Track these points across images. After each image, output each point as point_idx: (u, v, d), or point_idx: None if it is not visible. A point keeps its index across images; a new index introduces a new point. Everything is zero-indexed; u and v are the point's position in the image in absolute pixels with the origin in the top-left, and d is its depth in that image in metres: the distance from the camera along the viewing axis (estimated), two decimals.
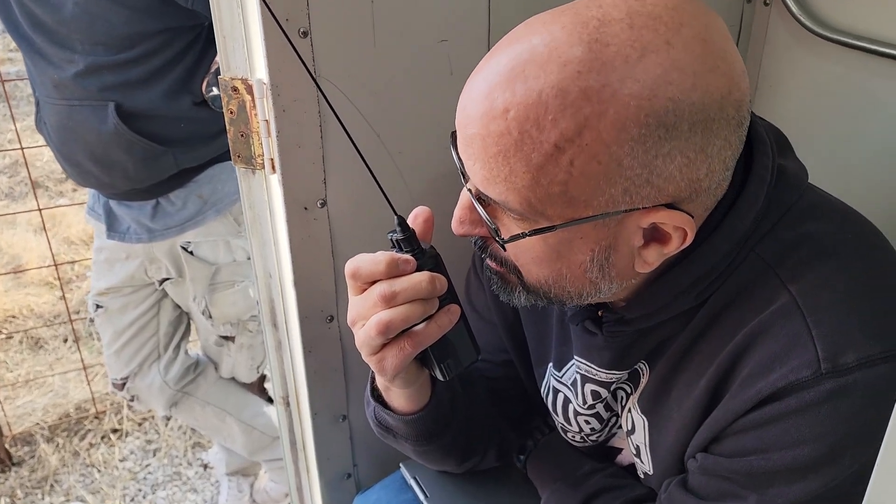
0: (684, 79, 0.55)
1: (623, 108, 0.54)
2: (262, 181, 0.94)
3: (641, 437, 0.79)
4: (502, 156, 0.58)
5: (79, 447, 2.24)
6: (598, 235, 0.62)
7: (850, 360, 0.59)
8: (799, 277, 0.63)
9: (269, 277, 1.01)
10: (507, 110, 0.57)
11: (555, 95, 0.55)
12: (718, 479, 0.68)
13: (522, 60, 0.57)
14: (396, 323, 0.65)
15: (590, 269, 0.64)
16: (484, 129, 0.58)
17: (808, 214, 0.67)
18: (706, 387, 0.68)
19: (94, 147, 1.41)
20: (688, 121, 0.55)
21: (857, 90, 1.06)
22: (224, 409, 1.83)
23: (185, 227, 1.54)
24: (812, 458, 0.61)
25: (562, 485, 0.90)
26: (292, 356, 1.06)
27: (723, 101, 0.57)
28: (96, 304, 1.69)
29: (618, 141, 0.55)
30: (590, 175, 0.57)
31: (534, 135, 0.56)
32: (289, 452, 1.18)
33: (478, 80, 0.60)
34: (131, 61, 1.36)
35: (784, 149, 0.71)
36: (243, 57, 0.86)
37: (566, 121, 0.55)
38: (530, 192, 0.59)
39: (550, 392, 0.88)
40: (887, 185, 1.06)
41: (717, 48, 0.57)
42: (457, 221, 0.68)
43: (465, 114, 0.61)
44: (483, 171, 0.60)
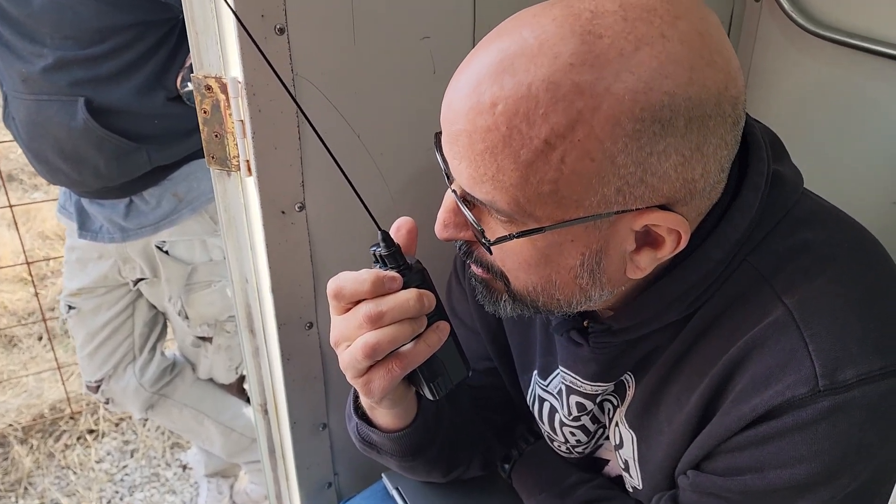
0: (681, 72, 0.52)
1: (617, 103, 0.52)
2: (238, 183, 0.90)
3: (630, 452, 0.76)
4: (489, 153, 0.55)
5: (53, 448, 2.20)
6: (589, 238, 0.59)
7: (848, 377, 0.57)
8: (794, 289, 0.61)
9: (245, 283, 0.98)
10: (494, 104, 0.54)
11: (545, 89, 0.52)
12: (712, 497, 0.66)
13: (511, 53, 0.54)
14: (384, 345, 0.62)
15: (580, 274, 0.61)
16: (470, 125, 0.55)
17: (803, 222, 0.64)
18: (697, 402, 0.65)
19: (63, 144, 1.36)
20: (684, 116, 0.53)
21: (848, 88, 1.05)
22: (202, 411, 1.79)
23: (159, 226, 1.50)
24: (809, 477, 0.59)
25: (547, 496, 0.88)
26: (270, 363, 1.03)
27: (719, 97, 0.54)
28: (69, 305, 1.64)
29: (612, 137, 0.52)
30: (582, 173, 0.54)
31: (523, 130, 0.53)
32: (267, 461, 1.15)
33: (464, 74, 0.57)
34: (102, 56, 1.32)
35: (779, 153, 0.69)
36: (217, 54, 0.82)
37: (557, 115, 0.52)
38: (519, 192, 0.56)
39: (536, 401, 0.86)
40: (879, 184, 1.05)
41: (713, 42, 0.55)
42: (440, 225, 0.65)
43: (450, 109, 0.57)
44: (469, 169, 0.57)
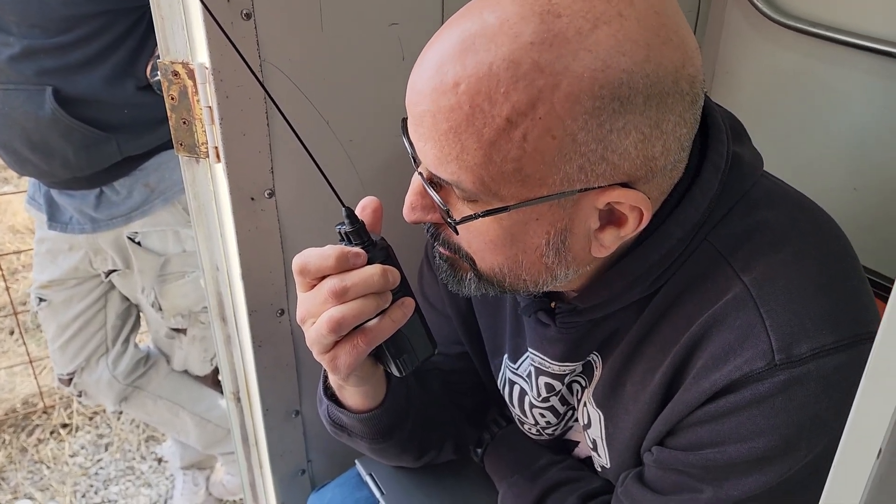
0: (637, 50, 0.53)
1: (577, 80, 0.53)
2: (207, 170, 0.90)
3: (598, 431, 0.78)
4: (453, 132, 0.56)
5: (26, 443, 2.17)
6: (554, 217, 0.60)
7: (803, 351, 0.59)
8: (752, 267, 0.62)
9: (216, 270, 0.98)
10: (457, 84, 0.54)
11: (506, 67, 0.53)
12: (674, 472, 0.67)
13: (472, 33, 0.55)
14: (349, 319, 0.62)
15: (546, 253, 0.62)
16: (434, 105, 0.56)
17: (761, 203, 0.66)
18: (661, 379, 0.67)
19: (31, 134, 1.35)
20: (642, 94, 0.54)
21: (812, 76, 1.06)
22: (177, 403, 1.78)
23: (131, 217, 1.49)
24: (768, 450, 0.61)
25: (518, 478, 0.89)
26: (242, 351, 1.03)
27: (677, 75, 0.55)
28: (39, 298, 1.62)
29: (572, 114, 0.53)
30: (544, 150, 0.55)
31: (485, 109, 0.54)
32: (241, 449, 1.15)
33: (428, 56, 0.57)
34: (69, 44, 1.30)
35: (740, 136, 0.70)
36: (183, 39, 0.82)
37: (518, 93, 0.53)
38: (483, 171, 0.56)
39: (507, 384, 0.87)
40: (841, 170, 1.07)
41: (670, 21, 0.55)
42: (408, 207, 0.66)
43: (414, 91, 0.58)
44: (434, 150, 0.58)
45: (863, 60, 0.99)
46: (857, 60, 1.00)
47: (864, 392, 0.37)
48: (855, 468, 0.38)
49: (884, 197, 1.03)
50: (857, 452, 0.38)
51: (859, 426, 0.38)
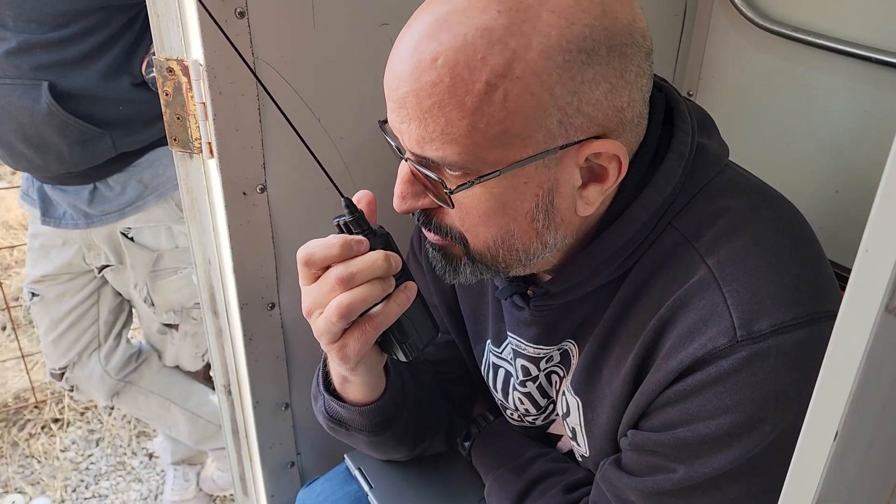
0: (594, 7, 0.58)
1: (545, 38, 0.57)
2: (200, 165, 0.91)
3: (576, 419, 0.80)
4: (437, 107, 0.58)
5: (17, 438, 2.18)
6: (541, 178, 0.63)
7: (763, 327, 0.61)
8: (715, 251, 0.65)
9: (208, 264, 0.99)
10: (435, 59, 0.58)
11: (480, 35, 0.57)
12: (648, 454, 0.69)
13: (444, 13, 0.58)
14: (357, 304, 0.64)
15: (536, 216, 0.65)
16: (416, 84, 0.59)
17: (725, 190, 0.69)
18: (632, 363, 0.69)
19: (26, 128, 1.36)
20: (605, 45, 0.58)
21: (795, 80, 1.08)
22: (168, 399, 1.79)
23: (124, 213, 1.50)
24: (734, 426, 0.63)
25: (504, 471, 0.90)
26: (233, 344, 1.04)
27: (631, 28, 0.60)
28: (32, 293, 1.63)
29: (546, 69, 0.57)
30: (525, 108, 0.58)
31: (465, 76, 0.57)
32: (231, 441, 1.16)
33: (403, 41, 0.61)
34: (66, 40, 1.31)
35: (706, 128, 0.73)
36: (178, 36, 0.83)
37: (495, 57, 0.57)
38: (469, 140, 0.59)
39: (490, 368, 0.89)
40: (822, 173, 1.09)
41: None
42: (398, 198, 0.68)
43: (394, 76, 0.61)
44: (419, 129, 0.60)
45: (844, 65, 1.02)
46: (839, 65, 1.02)
47: (824, 377, 0.39)
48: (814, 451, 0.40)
49: (863, 199, 1.05)
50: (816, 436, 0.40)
51: (818, 410, 0.40)
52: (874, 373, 0.37)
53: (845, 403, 0.38)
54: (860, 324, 0.37)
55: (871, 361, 0.37)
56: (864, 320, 0.37)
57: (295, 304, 1.01)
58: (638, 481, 0.70)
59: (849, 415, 0.38)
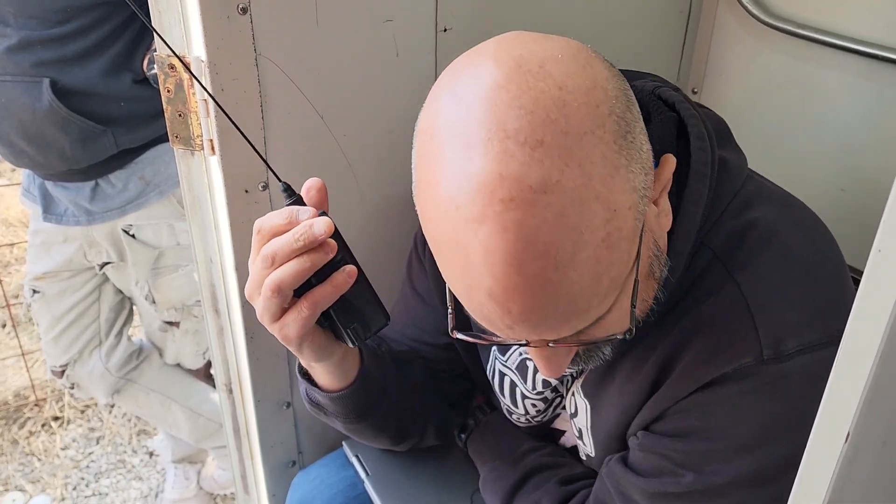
0: (598, 92, 0.55)
1: (600, 158, 0.53)
2: (202, 163, 0.91)
3: (583, 421, 0.79)
4: (571, 298, 0.54)
5: (18, 436, 2.18)
6: (647, 240, 0.60)
7: (789, 347, 0.61)
8: (743, 266, 0.65)
9: (209, 262, 0.99)
10: (545, 277, 0.52)
11: (574, 210, 0.52)
12: (657, 456, 0.69)
13: (536, 224, 0.52)
14: (287, 279, 0.63)
15: (653, 269, 0.62)
16: (541, 301, 0.53)
17: (750, 203, 0.68)
18: (648, 371, 0.68)
19: (27, 125, 1.35)
20: (625, 106, 0.56)
21: (801, 77, 1.08)
22: (169, 397, 1.79)
23: (126, 210, 1.49)
24: (749, 440, 0.63)
25: (500, 463, 0.90)
26: (234, 342, 1.04)
27: (620, 83, 0.58)
28: (33, 290, 1.63)
29: (617, 185, 0.54)
30: (625, 229, 0.55)
31: (574, 262, 0.53)
32: (232, 440, 1.16)
33: (497, 265, 0.53)
34: (67, 36, 1.31)
35: (724, 138, 0.72)
36: (180, 33, 0.82)
37: (592, 218, 0.53)
38: (600, 286, 0.55)
39: (496, 375, 0.88)
40: (828, 171, 1.08)
41: (579, 63, 0.56)
42: (555, 371, 0.63)
43: (508, 315, 0.55)
44: (564, 323, 0.56)
45: (850, 62, 1.01)
46: (845, 62, 1.02)
47: (835, 378, 0.39)
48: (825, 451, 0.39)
49: (870, 197, 1.04)
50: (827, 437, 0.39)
51: (830, 411, 0.39)
52: (887, 373, 0.37)
53: (858, 404, 0.38)
54: (873, 323, 0.36)
55: (884, 361, 0.37)
56: (877, 320, 0.36)
57: None
58: (643, 481, 0.70)
59: (861, 415, 0.38)
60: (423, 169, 0.57)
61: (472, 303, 0.56)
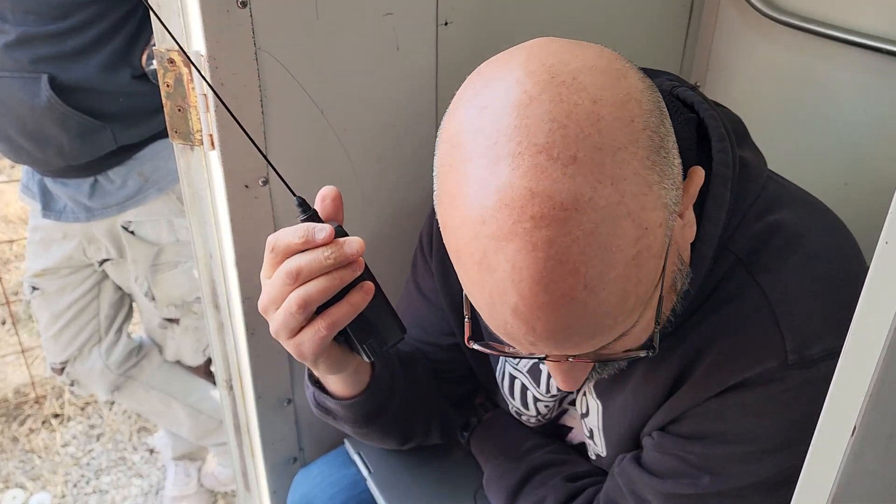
0: (633, 106, 0.54)
1: (633, 174, 0.52)
2: (202, 158, 0.90)
3: (595, 421, 0.79)
4: (598, 317, 0.53)
5: (18, 433, 2.17)
6: (671, 259, 0.59)
7: (815, 353, 0.60)
8: (767, 269, 0.63)
9: (209, 258, 0.98)
10: (573, 296, 0.51)
11: (607, 230, 0.51)
12: (673, 457, 0.68)
13: (567, 243, 0.50)
14: (314, 296, 0.63)
15: (675, 280, 0.61)
16: (567, 319, 0.52)
17: (772, 205, 0.67)
18: (667, 374, 0.67)
19: (26, 121, 1.35)
20: (660, 123, 0.55)
21: (804, 71, 1.07)
22: (169, 394, 1.79)
23: (125, 206, 1.49)
24: (769, 444, 0.62)
25: (503, 459, 0.90)
26: (235, 338, 1.03)
27: (653, 94, 0.57)
28: (32, 286, 1.62)
29: (650, 203, 0.53)
30: (655, 247, 0.54)
31: (611, 278, 0.52)
32: (233, 437, 1.15)
33: (524, 283, 0.51)
34: (65, 32, 1.30)
35: (742, 138, 0.70)
36: (179, 27, 0.82)
37: (624, 237, 0.52)
38: (632, 302, 0.54)
39: (506, 378, 0.88)
40: (832, 165, 1.08)
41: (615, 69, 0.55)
42: (572, 383, 0.63)
43: (533, 332, 0.54)
44: (588, 340, 0.55)
45: (855, 56, 1.01)
46: (850, 56, 1.01)
47: (842, 371, 0.38)
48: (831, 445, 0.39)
49: (874, 193, 1.04)
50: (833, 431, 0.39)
51: (836, 404, 0.39)
52: (894, 366, 0.37)
53: (864, 397, 0.37)
54: (880, 316, 0.36)
55: (891, 355, 0.36)
56: (884, 312, 0.36)
57: None
58: (658, 482, 0.69)
59: (868, 409, 0.37)
60: (447, 180, 0.55)
61: (495, 319, 0.55)
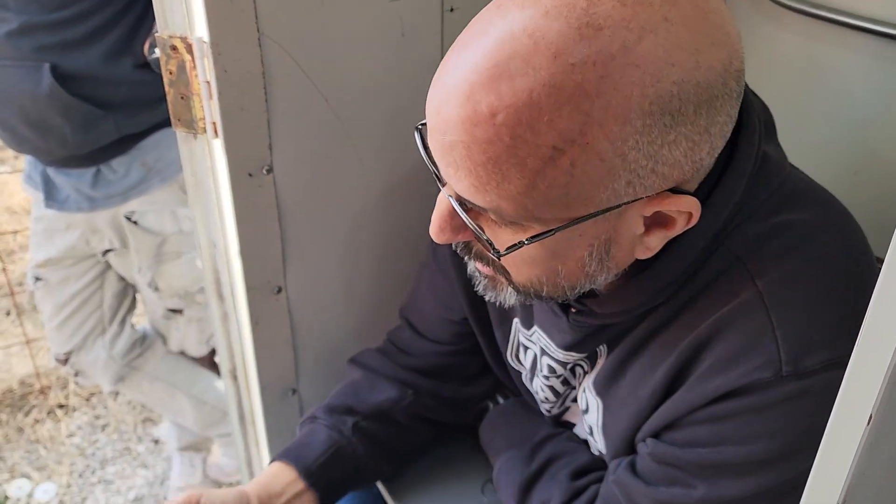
0: (687, 58, 0.49)
1: (625, 100, 0.48)
2: (205, 146, 0.90)
3: (595, 419, 0.78)
4: (492, 163, 0.51)
5: (23, 423, 2.18)
6: (598, 230, 0.57)
7: (811, 364, 0.58)
8: (767, 271, 0.60)
9: (213, 247, 0.98)
10: (493, 114, 0.50)
11: (548, 94, 0.48)
12: (668, 466, 0.67)
13: (505, 55, 0.49)
14: None
15: (587, 263, 0.60)
16: (468, 136, 0.51)
17: (784, 204, 0.63)
18: (663, 377, 0.66)
19: (28, 110, 1.34)
20: (693, 103, 0.50)
21: (814, 59, 1.06)
22: (173, 384, 1.78)
23: (128, 196, 1.48)
24: (765, 455, 0.60)
25: (516, 452, 0.89)
26: (239, 329, 1.03)
27: (725, 76, 0.52)
28: (35, 277, 1.62)
29: (622, 136, 0.50)
30: (592, 174, 0.51)
31: (528, 139, 0.50)
32: (238, 427, 1.15)
33: (452, 77, 0.52)
34: (68, 20, 1.29)
35: (770, 133, 0.67)
36: (182, 13, 0.81)
37: (564, 120, 0.49)
38: (526, 199, 0.52)
39: (520, 348, 0.86)
40: (842, 155, 1.07)
41: (716, 17, 0.51)
42: (437, 230, 0.60)
43: (440, 118, 0.53)
44: (469, 178, 0.53)
45: (865, 42, 0.99)
46: (860, 42, 1.00)
47: (857, 360, 0.38)
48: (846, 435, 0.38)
49: (885, 182, 1.03)
50: (848, 421, 0.38)
51: (851, 393, 0.38)
52: None
53: (881, 387, 0.36)
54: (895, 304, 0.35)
55: None
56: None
57: (302, 289, 1.00)
58: (653, 490, 0.68)
59: (884, 399, 0.37)
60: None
61: (431, 93, 0.55)
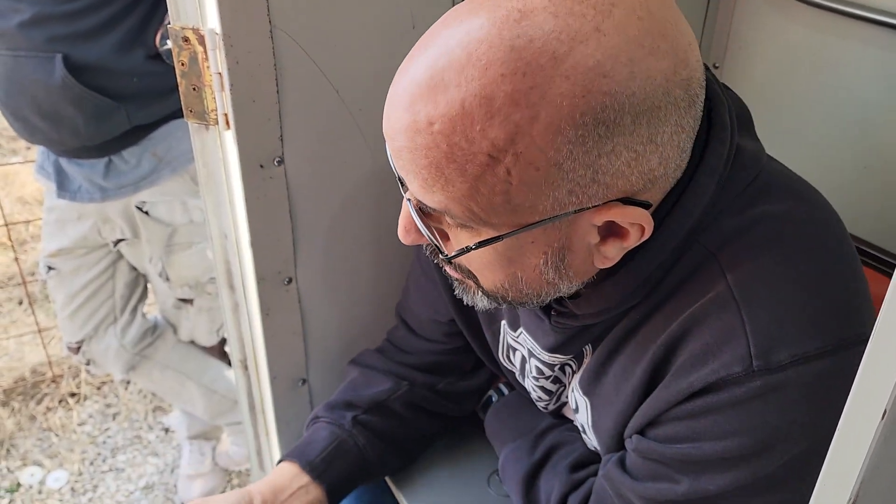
0: (620, 68, 0.50)
1: (555, 111, 0.50)
2: (216, 137, 0.90)
3: (584, 417, 0.79)
4: (434, 167, 0.53)
5: (35, 411, 2.20)
6: (549, 238, 0.58)
7: (782, 358, 0.57)
8: (738, 266, 0.60)
9: (224, 238, 0.98)
10: (430, 123, 0.52)
11: (479, 104, 0.50)
12: (653, 462, 0.68)
13: (440, 67, 0.51)
14: None
15: (544, 271, 0.61)
16: (411, 142, 0.53)
17: (758, 197, 0.63)
18: (641, 374, 0.66)
19: (41, 101, 1.35)
20: (630, 113, 0.50)
21: (825, 51, 1.05)
22: (183, 373, 1.80)
23: (139, 186, 1.49)
24: (742, 450, 0.61)
25: (522, 442, 0.90)
26: (250, 319, 1.03)
27: (668, 85, 0.52)
28: (48, 266, 1.63)
29: (554, 145, 0.51)
30: (530, 182, 0.52)
31: (464, 146, 0.51)
32: (248, 417, 1.16)
33: (399, 88, 0.55)
34: (80, 11, 1.30)
35: (744, 126, 0.66)
36: (194, 4, 0.81)
37: (495, 130, 0.50)
38: (471, 202, 0.54)
39: (508, 350, 0.87)
40: (852, 149, 1.06)
41: (656, 24, 0.51)
42: (402, 231, 0.63)
43: (389, 124, 0.56)
44: (417, 180, 0.55)
45: (876, 35, 0.98)
46: (869, 34, 0.99)
47: (872, 354, 0.37)
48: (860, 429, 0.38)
49: (894, 175, 1.02)
50: (862, 415, 0.38)
51: (865, 388, 0.38)
52: None
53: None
54: None
55: None
56: None
57: (313, 279, 1.00)
58: (640, 485, 0.69)
59: None
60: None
61: (386, 107, 0.58)
